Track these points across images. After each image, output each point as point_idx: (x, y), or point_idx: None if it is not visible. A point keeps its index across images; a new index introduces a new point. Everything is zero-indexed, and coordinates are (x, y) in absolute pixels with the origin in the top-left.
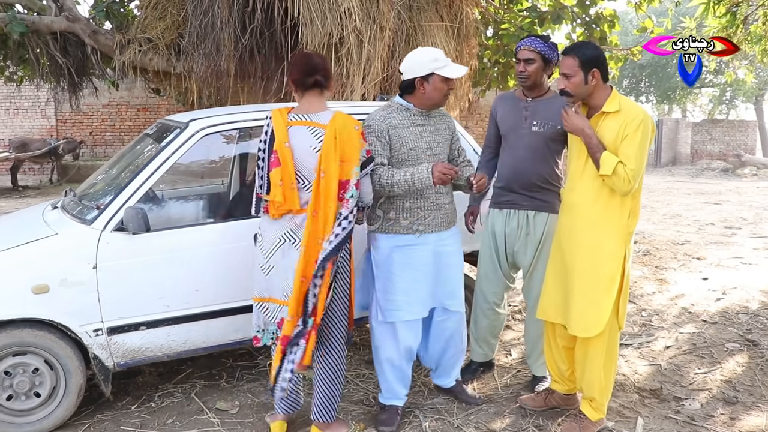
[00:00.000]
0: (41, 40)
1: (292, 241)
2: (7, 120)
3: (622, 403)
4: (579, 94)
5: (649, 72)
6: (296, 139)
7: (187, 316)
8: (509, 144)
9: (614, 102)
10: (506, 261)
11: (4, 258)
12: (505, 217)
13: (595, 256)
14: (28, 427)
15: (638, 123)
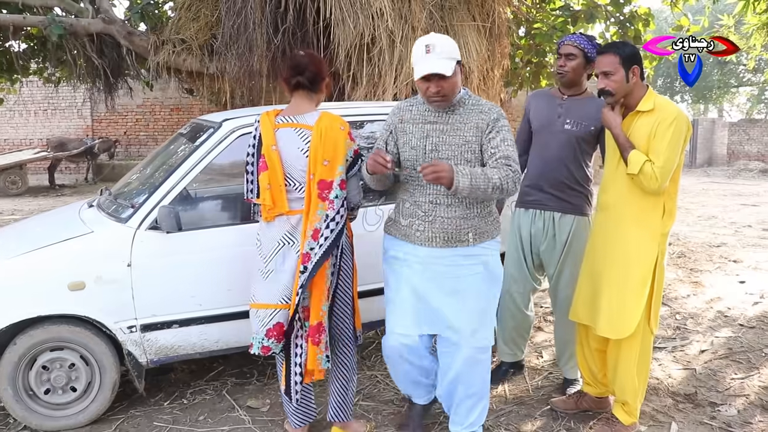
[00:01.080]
0: (78, 41)
1: (290, 244)
2: (45, 120)
3: (656, 408)
4: (620, 92)
5: None
6: (283, 141)
7: (220, 316)
8: (540, 141)
9: (649, 101)
10: (532, 262)
11: (42, 255)
12: (531, 217)
13: (627, 257)
14: (64, 420)
15: (670, 121)
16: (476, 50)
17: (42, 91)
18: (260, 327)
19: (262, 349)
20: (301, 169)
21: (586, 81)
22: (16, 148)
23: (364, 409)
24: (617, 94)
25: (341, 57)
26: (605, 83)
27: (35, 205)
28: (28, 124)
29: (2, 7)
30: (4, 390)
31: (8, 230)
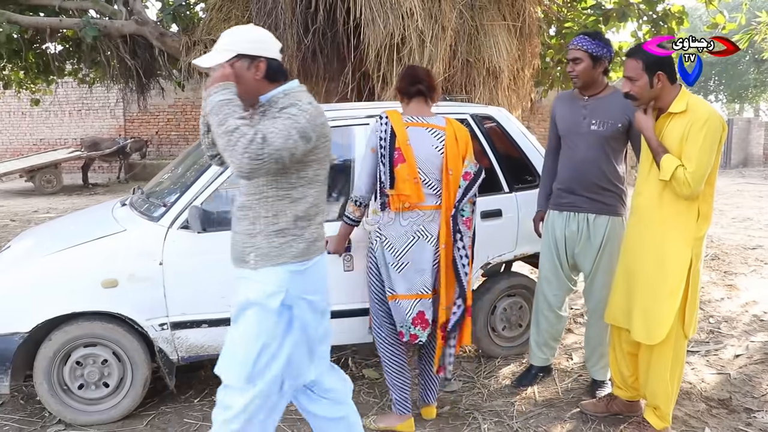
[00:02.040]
0: (112, 43)
1: (425, 238)
2: (80, 120)
3: (689, 413)
4: (644, 98)
5: (719, 70)
6: (416, 139)
7: None
8: (569, 144)
9: (681, 102)
10: (567, 263)
11: (76, 253)
12: (564, 219)
13: (660, 261)
14: (97, 415)
15: (702, 123)
16: (506, 50)
17: (76, 91)
18: (405, 317)
19: (411, 336)
20: (434, 165)
21: (604, 78)
22: (51, 148)
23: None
24: (641, 100)
25: (371, 57)
26: (629, 88)
27: (69, 203)
28: (63, 124)
29: (39, 11)
30: (39, 384)
31: (44, 228)
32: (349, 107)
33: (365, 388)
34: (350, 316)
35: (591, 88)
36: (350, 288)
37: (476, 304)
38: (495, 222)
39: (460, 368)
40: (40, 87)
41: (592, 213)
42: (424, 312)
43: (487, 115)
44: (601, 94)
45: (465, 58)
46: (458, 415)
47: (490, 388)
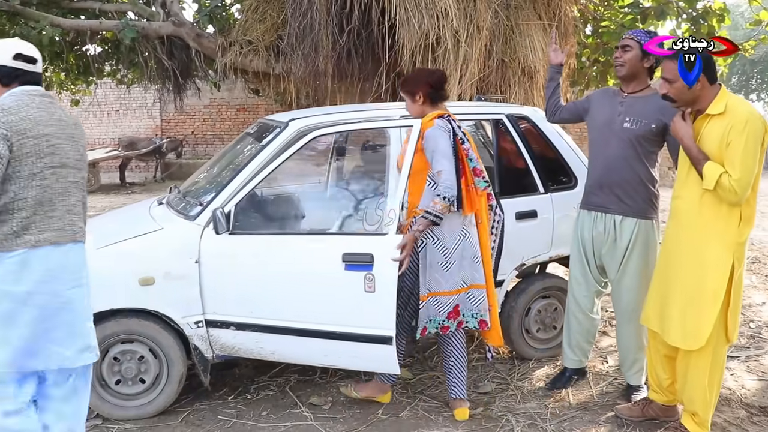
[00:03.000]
0: (150, 44)
1: (466, 236)
2: (117, 120)
3: (728, 419)
4: (682, 100)
5: (762, 68)
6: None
7: (273, 327)
8: (600, 140)
9: (720, 103)
10: (595, 264)
11: (114, 251)
12: (593, 219)
13: (699, 266)
14: (133, 410)
15: (743, 126)
16: (542, 49)
17: (115, 92)
18: (441, 311)
19: (442, 329)
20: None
21: (647, 78)
22: (89, 147)
23: (425, 410)
24: (679, 102)
25: (406, 57)
26: (666, 89)
27: (107, 202)
28: (101, 124)
29: (80, 14)
30: None
31: None
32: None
33: (398, 388)
34: (370, 342)
35: (632, 83)
36: (371, 312)
37: (510, 305)
38: (530, 223)
39: (494, 370)
40: (80, 88)
41: (619, 215)
42: (459, 305)
43: (523, 115)
44: (640, 93)
45: (500, 57)
46: (491, 417)
47: (524, 390)
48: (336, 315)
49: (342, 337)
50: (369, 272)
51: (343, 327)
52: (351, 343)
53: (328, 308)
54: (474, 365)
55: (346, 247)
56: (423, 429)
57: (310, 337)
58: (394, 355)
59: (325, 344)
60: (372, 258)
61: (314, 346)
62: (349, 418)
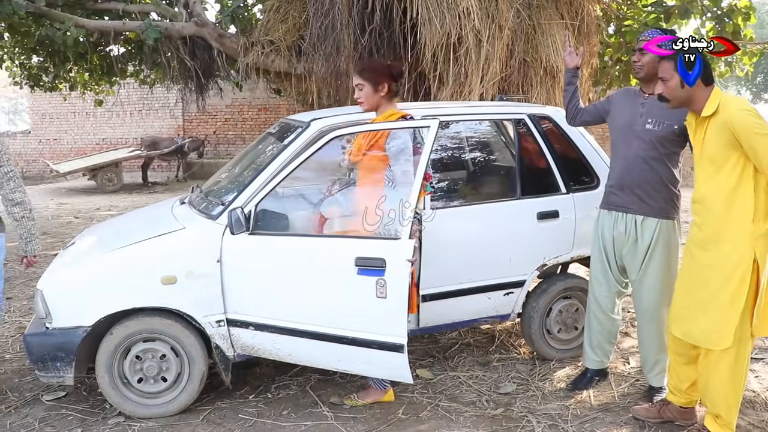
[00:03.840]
0: (172, 44)
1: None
2: (140, 120)
3: (752, 422)
4: (676, 99)
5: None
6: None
7: (289, 329)
8: (622, 141)
9: (713, 104)
10: (616, 265)
11: (137, 250)
12: (613, 219)
13: (721, 265)
14: (155, 408)
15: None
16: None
17: (138, 92)
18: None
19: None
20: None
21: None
22: (113, 147)
23: (445, 410)
24: (673, 101)
25: (427, 57)
26: (661, 89)
27: (129, 201)
28: (124, 124)
29: (104, 14)
30: (101, 377)
31: (106, 226)
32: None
33: (419, 388)
34: (381, 348)
35: (653, 84)
36: (382, 318)
37: (531, 305)
38: (552, 223)
39: (515, 370)
40: (104, 88)
41: (640, 215)
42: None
43: (545, 115)
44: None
45: (522, 57)
46: (512, 417)
47: (545, 391)
48: (348, 320)
49: (354, 342)
50: (381, 277)
51: (355, 332)
52: (363, 349)
53: (340, 312)
54: (495, 365)
55: (359, 250)
56: (443, 429)
57: (324, 341)
58: (406, 363)
59: (339, 349)
60: (384, 263)
61: (328, 350)
62: (370, 417)
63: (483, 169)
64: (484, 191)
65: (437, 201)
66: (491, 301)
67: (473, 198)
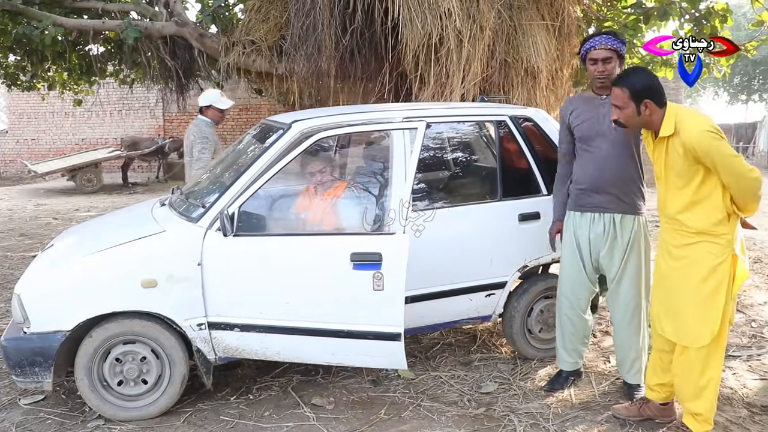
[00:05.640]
0: (152, 44)
1: None
2: (120, 120)
3: (730, 418)
4: (633, 126)
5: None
6: None
7: (278, 328)
8: (591, 144)
9: (669, 125)
10: (591, 266)
11: (116, 253)
12: (589, 221)
13: (700, 264)
14: (135, 411)
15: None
16: (545, 50)
17: (117, 92)
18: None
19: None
20: None
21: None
22: (92, 148)
23: (427, 410)
24: (630, 127)
25: (409, 57)
26: (617, 115)
27: (109, 202)
28: (104, 124)
29: (83, 13)
30: (80, 380)
31: (85, 228)
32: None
33: (401, 389)
34: (379, 339)
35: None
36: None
37: (513, 305)
38: (533, 224)
39: (496, 370)
40: (83, 88)
41: (618, 213)
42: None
43: (525, 116)
44: None
45: (503, 58)
46: (493, 417)
47: (526, 390)
48: (345, 314)
49: (350, 335)
50: (378, 271)
51: (352, 325)
52: (359, 341)
53: (336, 307)
54: (476, 365)
55: (354, 247)
56: (425, 429)
57: (318, 336)
58: (402, 351)
59: (333, 342)
60: (380, 257)
61: (321, 345)
62: (352, 418)
63: (464, 171)
64: (466, 193)
65: (419, 202)
66: (473, 303)
67: (455, 200)
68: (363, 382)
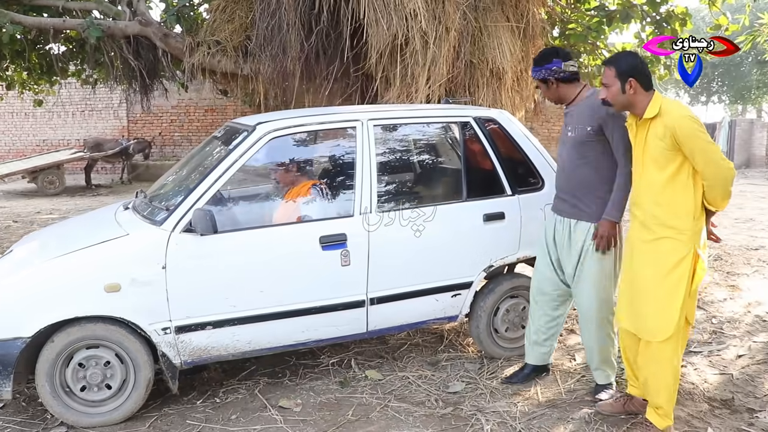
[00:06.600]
0: (116, 44)
1: None
2: (83, 121)
3: (691, 413)
4: (618, 103)
5: (722, 71)
6: None
7: (252, 317)
8: (560, 150)
9: (654, 107)
10: (559, 265)
11: (79, 257)
12: (554, 222)
13: (660, 260)
14: (99, 417)
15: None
16: (510, 51)
17: (80, 92)
18: None
19: None
20: None
21: (571, 86)
22: (54, 149)
23: (395, 410)
24: (615, 105)
25: (374, 58)
26: (604, 94)
27: (72, 204)
28: (66, 125)
29: (43, 11)
30: (41, 386)
31: (46, 232)
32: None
33: (368, 390)
34: (346, 309)
35: (563, 101)
36: (347, 282)
37: (479, 305)
38: (498, 224)
39: (463, 369)
40: (44, 88)
41: (573, 219)
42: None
43: (490, 117)
44: (577, 101)
45: (468, 59)
46: (461, 416)
47: (493, 389)
48: (316, 291)
49: (322, 310)
50: (344, 249)
51: (323, 300)
52: (329, 314)
53: (308, 286)
54: (443, 365)
55: (322, 231)
56: (393, 429)
57: (289, 317)
58: (364, 316)
59: (304, 321)
60: (345, 237)
61: (292, 325)
62: (319, 420)
63: (429, 172)
64: (431, 194)
65: (384, 203)
66: (439, 303)
67: (420, 201)
68: (330, 383)
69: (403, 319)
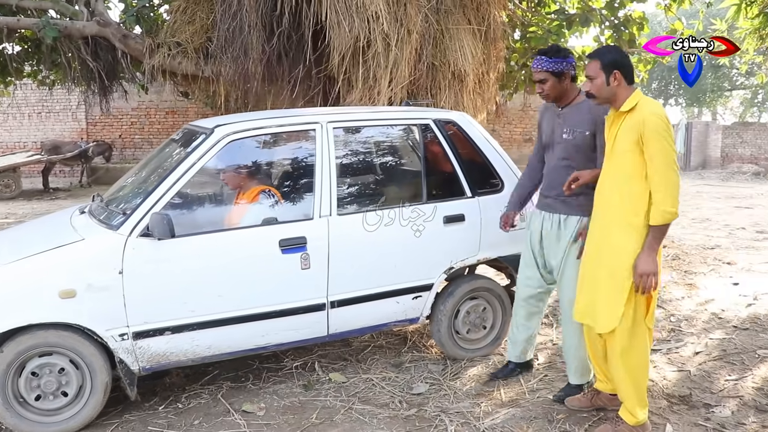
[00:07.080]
0: (73, 44)
1: None
2: (39, 123)
3: (651, 409)
4: (602, 95)
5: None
6: None
7: (212, 322)
8: (548, 150)
9: (632, 101)
10: (543, 263)
11: (32, 263)
12: (541, 219)
13: (613, 253)
14: (56, 426)
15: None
16: (471, 53)
17: (36, 93)
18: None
19: None
20: None
21: (573, 86)
22: (9, 151)
23: (359, 412)
24: (599, 97)
25: (336, 60)
26: (588, 86)
27: (29, 208)
28: (22, 127)
29: None
30: None
31: (0, 237)
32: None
33: (332, 392)
34: (306, 312)
35: (563, 100)
36: (307, 285)
37: (439, 308)
38: (458, 226)
39: (427, 371)
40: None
41: (564, 213)
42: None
43: (450, 120)
44: (573, 103)
45: (430, 61)
46: (425, 417)
47: (457, 390)
48: (276, 295)
49: (282, 313)
50: (304, 252)
51: (283, 304)
52: (288, 318)
53: (267, 290)
54: (407, 366)
55: (281, 234)
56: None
57: (250, 322)
58: (325, 319)
59: (263, 325)
60: (305, 240)
61: (252, 329)
62: (283, 423)
63: (389, 174)
64: (391, 196)
65: (344, 206)
66: (400, 305)
67: (380, 203)
68: (294, 386)
69: (364, 321)
